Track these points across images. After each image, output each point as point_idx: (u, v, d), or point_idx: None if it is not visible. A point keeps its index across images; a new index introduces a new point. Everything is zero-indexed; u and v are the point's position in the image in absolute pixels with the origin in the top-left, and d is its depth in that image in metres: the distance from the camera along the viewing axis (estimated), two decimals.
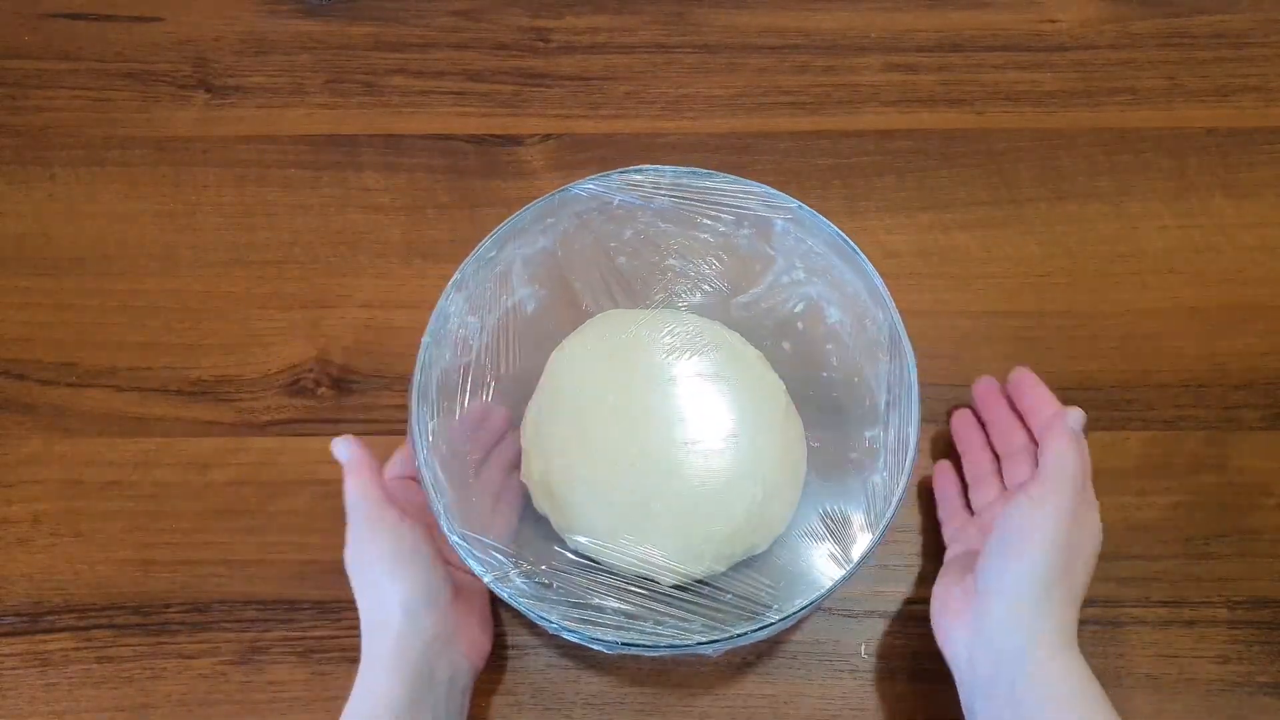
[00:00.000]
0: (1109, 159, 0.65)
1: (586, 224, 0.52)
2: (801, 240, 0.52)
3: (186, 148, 0.65)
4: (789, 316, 0.56)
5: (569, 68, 0.68)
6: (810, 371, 0.55)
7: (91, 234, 0.63)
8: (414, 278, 0.61)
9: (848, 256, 0.51)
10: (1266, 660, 0.53)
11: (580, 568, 0.50)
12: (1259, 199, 0.64)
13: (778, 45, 0.69)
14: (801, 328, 0.55)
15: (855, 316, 0.52)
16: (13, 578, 0.54)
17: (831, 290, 0.53)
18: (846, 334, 0.53)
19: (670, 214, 0.53)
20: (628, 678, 0.52)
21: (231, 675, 0.52)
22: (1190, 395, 0.59)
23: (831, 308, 0.54)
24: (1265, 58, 0.68)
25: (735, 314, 0.56)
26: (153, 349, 0.59)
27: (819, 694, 0.52)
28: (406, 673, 0.44)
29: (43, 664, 0.52)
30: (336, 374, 0.59)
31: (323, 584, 0.54)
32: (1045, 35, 0.69)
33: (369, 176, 0.64)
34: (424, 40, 0.69)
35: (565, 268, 0.54)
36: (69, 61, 0.68)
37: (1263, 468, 0.57)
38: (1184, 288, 0.61)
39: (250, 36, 0.69)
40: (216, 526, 0.55)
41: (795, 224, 0.52)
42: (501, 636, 0.53)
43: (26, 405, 0.58)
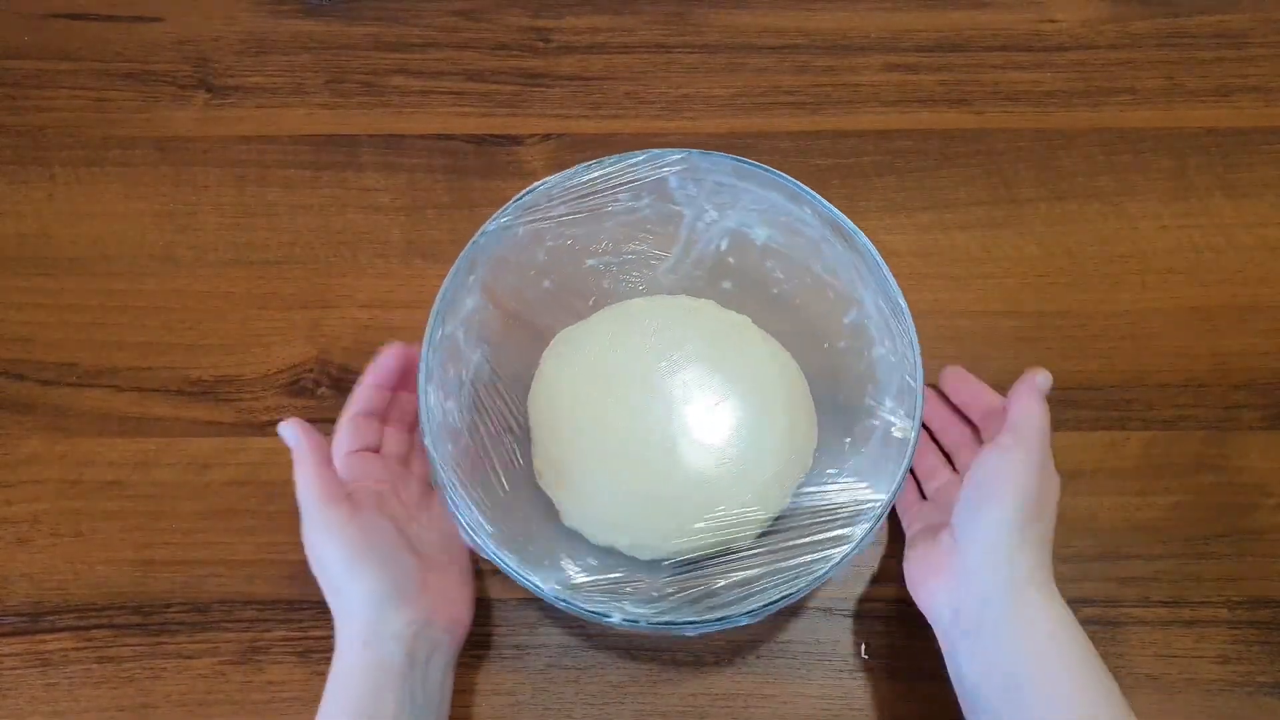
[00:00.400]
0: (1109, 159, 0.65)
1: (503, 264, 0.52)
2: (701, 182, 0.53)
3: (186, 148, 0.65)
4: (718, 257, 0.56)
5: (569, 68, 0.68)
6: (762, 294, 0.56)
7: (91, 234, 0.63)
8: (414, 278, 0.61)
9: (754, 176, 0.51)
10: (1267, 660, 0.53)
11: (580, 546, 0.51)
12: (1259, 199, 0.64)
13: (777, 45, 0.69)
14: (734, 262, 0.56)
15: (782, 227, 0.53)
16: (13, 578, 0.54)
17: (749, 214, 0.54)
18: (779, 244, 0.54)
19: (575, 220, 0.53)
20: (628, 678, 0.52)
21: (231, 675, 0.52)
22: (1190, 395, 0.59)
23: (756, 229, 0.54)
24: (1265, 58, 0.68)
25: (665, 280, 0.56)
26: (153, 349, 0.59)
27: (819, 694, 0.52)
28: (383, 661, 0.44)
29: (43, 664, 0.52)
30: (336, 374, 0.59)
31: None
32: (1045, 35, 0.69)
33: (369, 176, 0.64)
34: (424, 40, 0.69)
35: (500, 313, 0.54)
36: (69, 62, 0.68)
37: (1263, 467, 0.57)
38: (1184, 287, 0.61)
39: (250, 37, 0.69)
40: (216, 527, 0.55)
41: (690, 172, 0.52)
42: (501, 637, 0.53)
43: (26, 405, 0.58)
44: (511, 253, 0.52)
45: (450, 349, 0.50)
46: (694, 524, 0.51)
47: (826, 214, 0.50)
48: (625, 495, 0.51)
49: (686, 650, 0.53)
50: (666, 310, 0.56)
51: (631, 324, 0.55)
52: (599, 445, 0.52)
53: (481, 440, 0.52)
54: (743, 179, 0.52)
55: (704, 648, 0.53)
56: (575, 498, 0.52)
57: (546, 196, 0.51)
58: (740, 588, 0.49)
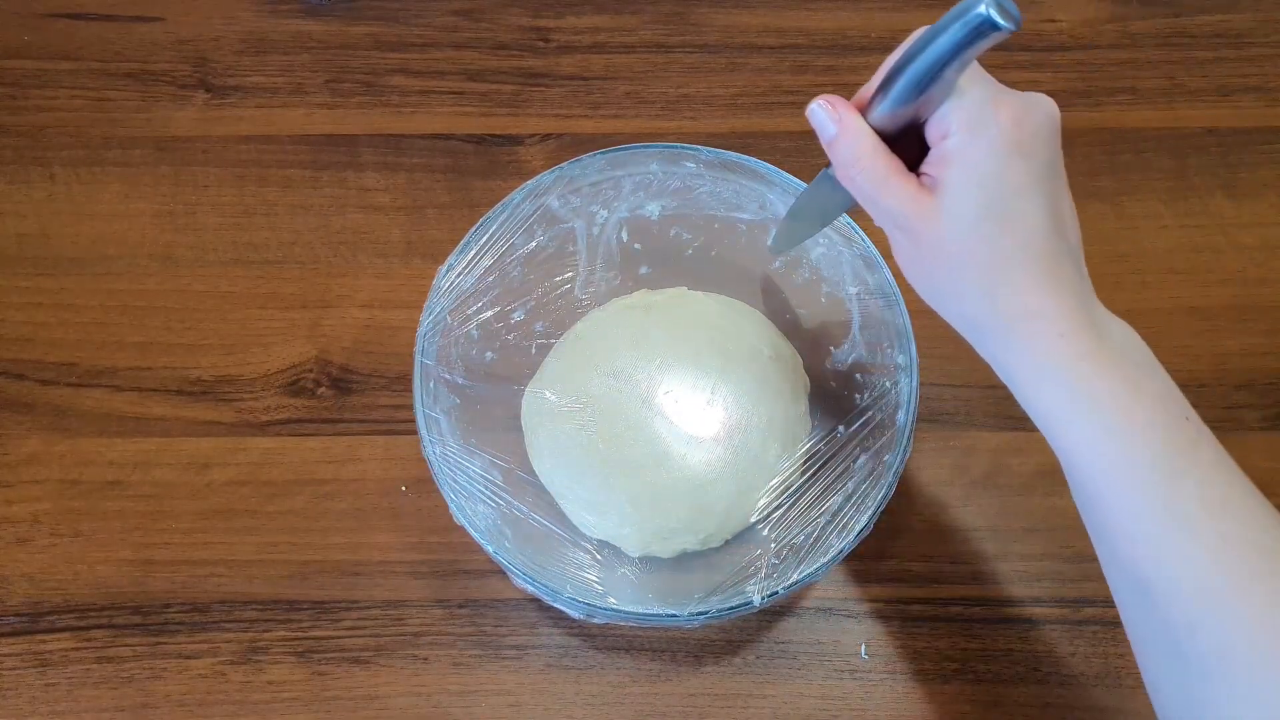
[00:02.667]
0: (1109, 159, 0.65)
1: (445, 352, 0.53)
2: (579, 190, 0.54)
3: (186, 148, 0.65)
4: (624, 248, 0.57)
5: (569, 67, 0.68)
6: (679, 261, 0.57)
7: (91, 234, 0.63)
8: (414, 278, 0.61)
9: (626, 161, 0.53)
10: None
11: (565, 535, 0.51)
12: (1259, 199, 0.64)
13: (778, 45, 0.69)
14: (640, 246, 0.57)
15: (672, 193, 0.55)
16: (12, 578, 0.54)
17: (635, 196, 0.55)
18: (674, 209, 0.55)
19: (490, 289, 0.54)
20: (628, 678, 0.52)
21: (231, 675, 0.52)
22: (1190, 395, 0.58)
23: (648, 206, 0.56)
24: (1265, 57, 0.68)
25: (584, 295, 0.57)
26: (152, 349, 0.59)
27: (819, 694, 0.52)
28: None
29: (42, 664, 0.52)
30: (336, 374, 0.59)
31: (322, 584, 0.54)
32: (1045, 35, 0.69)
33: (369, 176, 0.64)
34: (424, 40, 0.69)
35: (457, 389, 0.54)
36: (69, 61, 0.68)
37: (1264, 468, 0.56)
38: (1184, 288, 0.61)
39: (250, 36, 0.69)
40: (216, 526, 0.55)
41: (565, 185, 0.53)
42: (502, 637, 0.53)
43: (26, 405, 0.58)
44: (450, 343, 0.52)
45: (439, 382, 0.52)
46: (691, 518, 0.51)
47: (712, 159, 0.53)
48: (623, 494, 0.51)
49: (686, 650, 0.53)
50: (615, 316, 0.56)
51: (591, 345, 0.56)
52: (593, 447, 0.52)
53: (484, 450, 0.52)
54: (617, 167, 0.53)
55: (704, 648, 0.53)
56: (574, 498, 0.52)
57: (456, 273, 0.52)
58: (745, 576, 0.49)
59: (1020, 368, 0.37)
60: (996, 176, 0.36)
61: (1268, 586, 0.33)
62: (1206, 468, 0.35)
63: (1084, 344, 0.36)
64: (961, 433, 0.58)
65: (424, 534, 0.55)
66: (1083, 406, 0.36)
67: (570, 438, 0.53)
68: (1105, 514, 0.36)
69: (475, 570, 0.54)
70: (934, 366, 0.57)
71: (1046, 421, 0.37)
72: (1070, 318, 0.36)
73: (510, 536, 0.49)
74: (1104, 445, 0.36)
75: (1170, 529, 0.34)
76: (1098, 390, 0.36)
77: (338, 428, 0.57)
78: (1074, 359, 0.36)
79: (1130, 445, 0.35)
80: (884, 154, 0.39)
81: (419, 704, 0.51)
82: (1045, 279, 0.36)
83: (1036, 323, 0.36)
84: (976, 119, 0.36)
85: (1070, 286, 0.37)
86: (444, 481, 0.48)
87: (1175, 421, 0.36)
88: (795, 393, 0.54)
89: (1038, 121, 0.37)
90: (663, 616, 0.46)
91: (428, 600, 0.54)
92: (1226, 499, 0.35)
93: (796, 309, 0.57)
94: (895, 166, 0.38)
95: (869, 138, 0.39)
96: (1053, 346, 0.36)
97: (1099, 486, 0.36)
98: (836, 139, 0.40)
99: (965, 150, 0.36)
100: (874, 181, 0.39)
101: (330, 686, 0.52)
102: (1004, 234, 0.36)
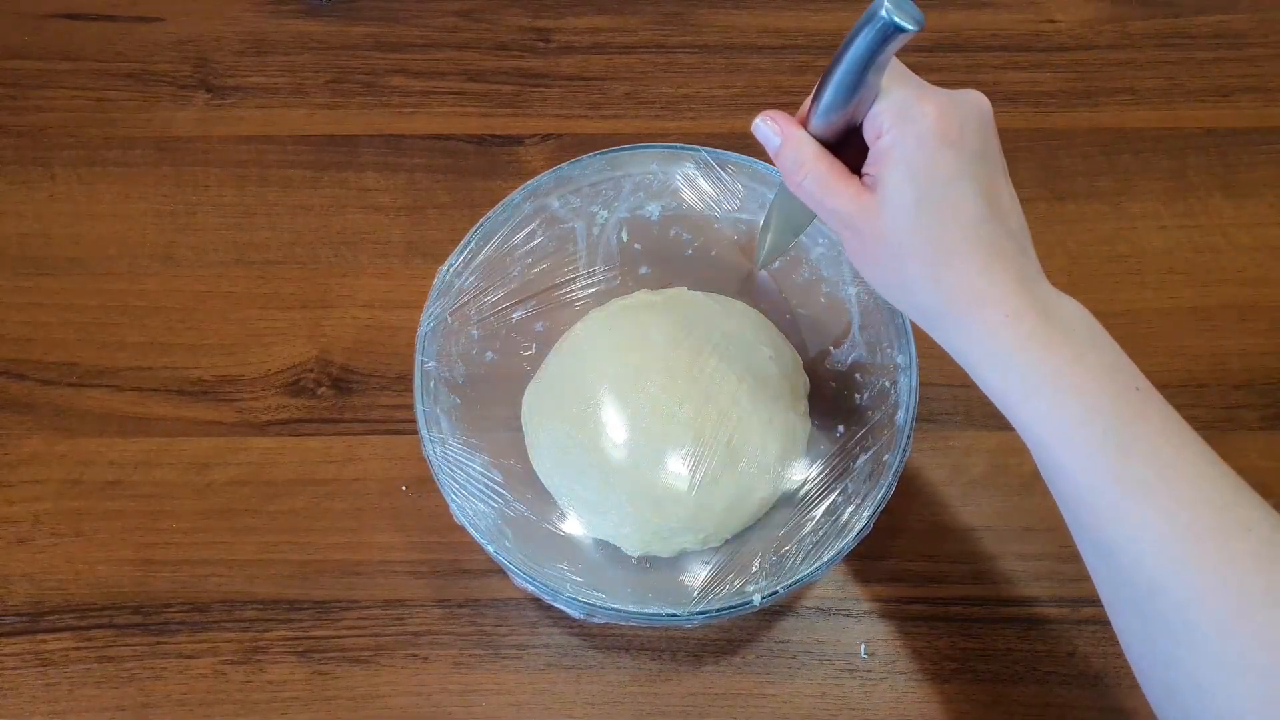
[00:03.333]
0: (1108, 159, 0.65)
1: (444, 354, 0.53)
2: (579, 190, 0.54)
3: (187, 148, 0.65)
4: (624, 249, 0.57)
5: (569, 68, 0.68)
6: (679, 262, 0.57)
7: (92, 234, 0.63)
8: (415, 278, 0.61)
9: (627, 161, 0.54)
10: None
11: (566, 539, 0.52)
12: (1258, 199, 0.64)
13: (778, 45, 0.69)
14: (640, 246, 0.57)
15: (672, 193, 0.55)
16: (13, 578, 0.54)
17: (635, 196, 0.55)
18: (675, 209, 0.56)
19: (489, 287, 0.54)
20: (628, 678, 0.52)
21: (231, 675, 0.52)
22: (1190, 395, 0.59)
23: (648, 206, 0.56)
24: (1264, 58, 0.68)
25: (584, 295, 0.57)
26: (153, 349, 0.59)
27: (819, 694, 0.52)
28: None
29: (43, 664, 0.52)
30: (337, 374, 0.59)
31: (323, 584, 0.54)
32: (1045, 35, 0.69)
33: (369, 176, 0.64)
34: (424, 40, 0.69)
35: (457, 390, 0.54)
36: (69, 62, 0.68)
37: (1263, 468, 0.57)
38: (1183, 288, 0.61)
39: (251, 37, 0.69)
40: (217, 526, 0.55)
41: (565, 186, 0.54)
42: (502, 637, 0.53)
43: (27, 405, 0.58)
44: (450, 343, 0.52)
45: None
46: (691, 517, 0.51)
47: (711, 158, 0.54)
48: (623, 494, 0.51)
49: (686, 650, 0.53)
50: (615, 316, 0.56)
51: (591, 345, 0.55)
52: (593, 446, 0.52)
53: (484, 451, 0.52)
54: (617, 167, 0.54)
55: (704, 647, 0.53)
56: (574, 498, 0.52)
57: (456, 273, 0.52)
58: (745, 575, 0.49)
59: (972, 351, 0.39)
60: (928, 167, 0.38)
61: (1222, 543, 0.34)
62: (1156, 434, 0.36)
63: (1031, 323, 0.37)
64: (961, 432, 0.58)
65: (424, 534, 0.55)
66: (1034, 384, 0.37)
67: (570, 437, 0.53)
68: (1065, 484, 0.37)
69: (475, 570, 0.54)
70: (934, 366, 0.57)
71: (1002, 400, 0.39)
72: (1016, 299, 0.38)
73: (510, 536, 0.49)
74: (1057, 420, 0.37)
75: (1126, 496, 0.36)
76: (1047, 368, 0.37)
77: (338, 428, 0.57)
78: (1023, 338, 0.37)
79: (1081, 418, 0.36)
80: (825, 159, 0.41)
81: (419, 703, 0.51)
82: (987, 263, 0.38)
83: (983, 306, 0.38)
84: (904, 115, 0.38)
85: (1014, 268, 0.38)
86: (444, 481, 0.48)
87: (1124, 391, 0.37)
88: (795, 393, 0.54)
89: (964, 113, 0.39)
90: (662, 616, 0.46)
91: (428, 600, 0.54)
92: (1177, 462, 0.36)
93: (796, 309, 0.57)
94: (837, 169, 0.41)
95: (809, 145, 0.41)
96: (1001, 328, 0.38)
97: (1057, 458, 0.37)
98: (780, 149, 0.42)
99: (897, 146, 0.38)
100: (818, 185, 0.41)
101: (331, 686, 0.52)
102: (941, 222, 0.38)
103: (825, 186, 0.40)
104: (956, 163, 0.38)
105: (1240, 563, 0.34)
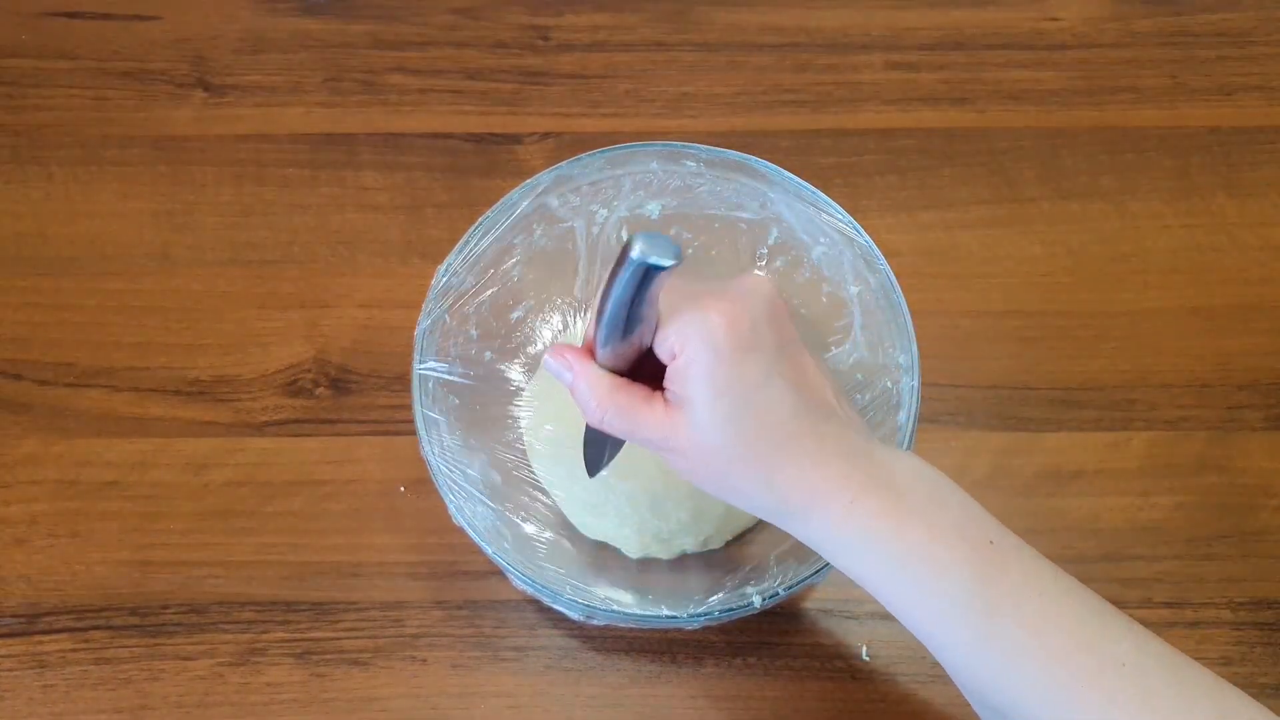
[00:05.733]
0: (1111, 158, 0.65)
1: (443, 351, 0.52)
2: (579, 189, 0.54)
3: (184, 147, 0.65)
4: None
5: (568, 66, 0.68)
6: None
7: (89, 233, 0.62)
8: (413, 277, 0.61)
9: (627, 159, 0.53)
10: (1269, 662, 0.53)
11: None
12: (1262, 198, 0.63)
13: (779, 43, 0.68)
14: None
15: (673, 192, 0.54)
16: (10, 579, 0.54)
17: (636, 195, 0.54)
18: (675, 208, 0.55)
19: (487, 284, 0.54)
20: (628, 680, 0.52)
21: (229, 677, 0.52)
22: (1193, 395, 0.58)
23: (648, 205, 0.55)
24: (1268, 56, 0.68)
25: (583, 295, 0.57)
26: (150, 349, 0.59)
27: (819, 694, 0.52)
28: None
29: (40, 665, 0.52)
30: (334, 374, 0.59)
31: (320, 585, 0.54)
32: (1047, 34, 0.69)
33: (367, 175, 0.64)
34: (423, 38, 0.68)
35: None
36: (66, 60, 0.68)
37: (1266, 468, 0.57)
38: (1187, 287, 0.61)
39: (248, 35, 0.68)
40: (214, 527, 0.55)
41: (564, 185, 0.53)
42: (501, 639, 0.53)
43: (23, 405, 0.58)
44: (448, 343, 0.52)
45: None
46: (691, 519, 0.51)
47: (712, 158, 0.52)
48: (623, 496, 0.51)
49: (687, 651, 0.53)
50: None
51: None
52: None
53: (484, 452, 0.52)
54: (616, 166, 0.53)
55: (704, 649, 0.53)
56: (574, 499, 0.52)
57: (454, 273, 0.51)
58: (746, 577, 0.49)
59: (826, 544, 0.39)
60: (731, 379, 0.37)
61: (1101, 688, 0.35)
62: (1019, 586, 0.36)
63: (874, 503, 0.37)
64: (963, 433, 0.57)
65: (423, 535, 0.55)
66: (892, 566, 0.37)
67: (570, 438, 0.52)
68: (945, 653, 0.37)
69: (474, 571, 0.54)
70: (935, 366, 0.57)
71: (866, 585, 0.38)
72: (852, 482, 0.37)
73: (509, 537, 0.48)
74: (920, 598, 0.37)
75: (1004, 660, 0.36)
76: (898, 548, 0.37)
77: (336, 428, 0.57)
78: (870, 523, 0.37)
79: (943, 591, 0.36)
80: (622, 390, 0.39)
81: (418, 705, 0.51)
82: (816, 456, 0.37)
83: (824, 501, 0.37)
84: (695, 333, 0.37)
85: (843, 449, 0.38)
86: (443, 482, 0.47)
87: (979, 550, 0.37)
88: None
89: (753, 310, 0.38)
90: (663, 618, 0.45)
91: (426, 601, 0.53)
92: (1044, 610, 0.36)
93: (797, 309, 0.56)
94: (639, 397, 0.39)
95: (603, 380, 0.40)
96: (846, 518, 0.37)
97: (931, 632, 0.37)
98: (574, 386, 0.40)
99: (694, 363, 0.37)
100: (622, 418, 0.39)
101: (328, 688, 0.52)
102: (760, 428, 0.37)
103: (630, 419, 0.39)
104: (760, 365, 0.37)
105: (1119, 703, 0.35)
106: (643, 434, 0.39)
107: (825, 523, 0.38)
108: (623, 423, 0.39)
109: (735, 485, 0.39)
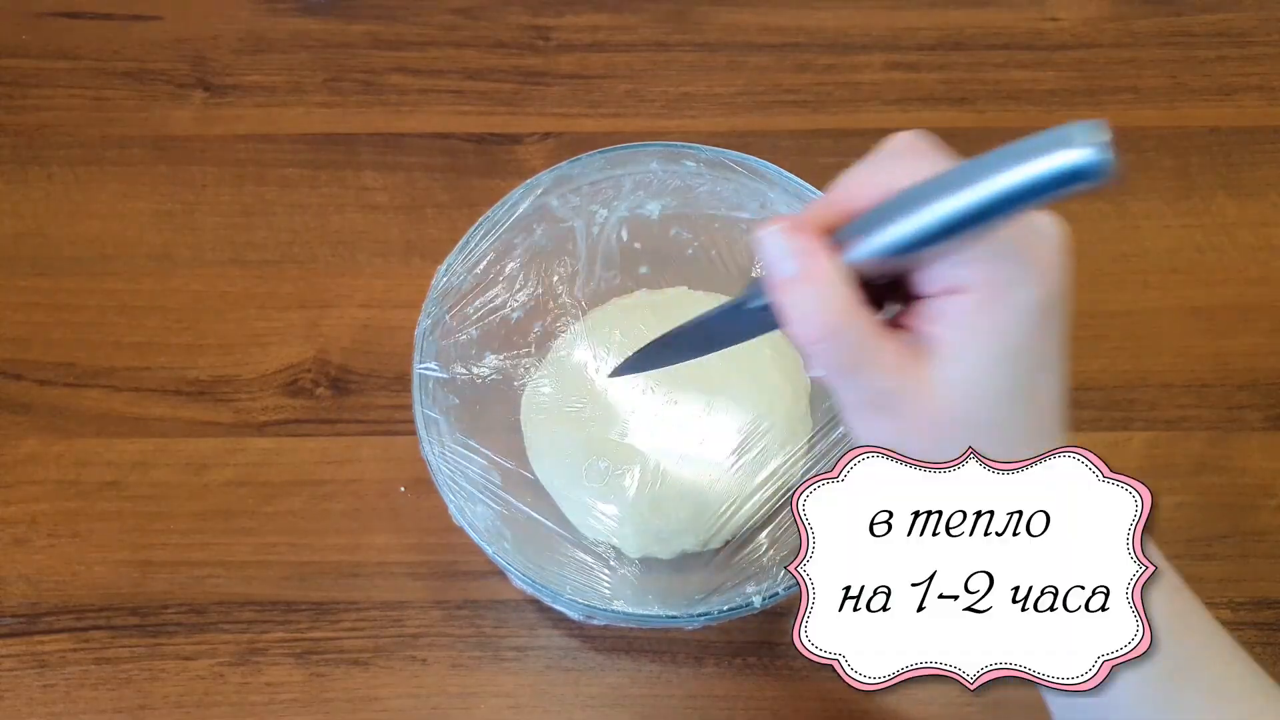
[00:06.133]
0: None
1: (445, 352, 0.52)
2: (579, 189, 0.54)
3: (184, 147, 0.65)
4: (623, 248, 0.56)
5: (569, 66, 0.68)
6: (679, 261, 0.56)
7: (89, 234, 0.62)
8: (413, 277, 0.61)
9: (628, 159, 0.53)
10: (1270, 661, 0.52)
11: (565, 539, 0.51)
12: (1262, 198, 0.63)
13: (779, 43, 0.68)
14: (640, 246, 0.56)
15: (673, 192, 0.54)
16: (10, 579, 0.54)
17: (635, 195, 0.55)
18: (675, 208, 0.55)
19: (487, 284, 0.54)
20: (628, 680, 0.52)
21: (229, 676, 0.52)
22: (1193, 395, 0.58)
23: (648, 205, 0.55)
24: (1268, 56, 0.68)
25: (583, 294, 0.57)
26: (150, 349, 0.59)
27: (819, 695, 0.52)
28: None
29: (40, 665, 0.52)
30: (335, 374, 0.59)
31: (320, 585, 0.54)
32: (1047, 34, 0.69)
33: (368, 175, 0.64)
34: (423, 39, 0.68)
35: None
36: (66, 60, 0.68)
37: (1266, 468, 0.57)
38: (1187, 287, 0.61)
39: (248, 35, 0.68)
40: (214, 527, 0.55)
41: (565, 185, 0.53)
42: (501, 639, 0.53)
43: (23, 405, 0.58)
44: (448, 343, 0.52)
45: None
46: (691, 519, 0.51)
47: (712, 158, 0.52)
48: (623, 495, 0.51)
49: (687, 652, 0.53)
50: (614, 316, 0.56)
51: (591, 345, 0.55)
52: (593, 447, 0.52)
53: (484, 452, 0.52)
54: (616, 166, 0.53)
55: (704, 649, 0.53)
56: (574, 498, 0.52)
57: (455, 273, 0.51)
58: (746, 577, 0.49)
59: None
60: (1026, 349, 0.28)
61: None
62: (1200, 649, 0.32)
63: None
64: None
65: (423, 535, 0.55)
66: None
67: (570, 438, 0.52)
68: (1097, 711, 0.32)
69: (474, 571, 0.54)
70: None
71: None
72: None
73: (509, 537, 0.48)
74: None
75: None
76: None
77: (336, 428, 0.57)
78: None
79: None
80: (864, 315, 0.28)
81: (418, 705, 0.51)
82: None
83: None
84: (1007, 274, 0.28)
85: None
86: (443, 482, 0.47)
87: (1170, 596, 0.30)
88: (795, 393, 0.54)
89: (1069, 274, 0.29)
90: (663, 618, 0.45)
91: (427, 601, 0.53)
92: (1226, 678, 0.33)
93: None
94: (877, 330, 0.29)
95: (842, 291, 0.28)
96: None
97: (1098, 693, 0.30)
98: (796, 284, 0.28)
99: (986, 314, 0.28)
100: (850, 350, 0.28)
101: (329, 688, 0.52)
102: (1023, 415, 0.29)
103: (859, 353, 0.28)
104: (1058, 339, 0.29)
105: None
106: (866, 376, 0.29)
107: None
108: (847, 355, 0.28)
109: (951, 455, 0.29)
